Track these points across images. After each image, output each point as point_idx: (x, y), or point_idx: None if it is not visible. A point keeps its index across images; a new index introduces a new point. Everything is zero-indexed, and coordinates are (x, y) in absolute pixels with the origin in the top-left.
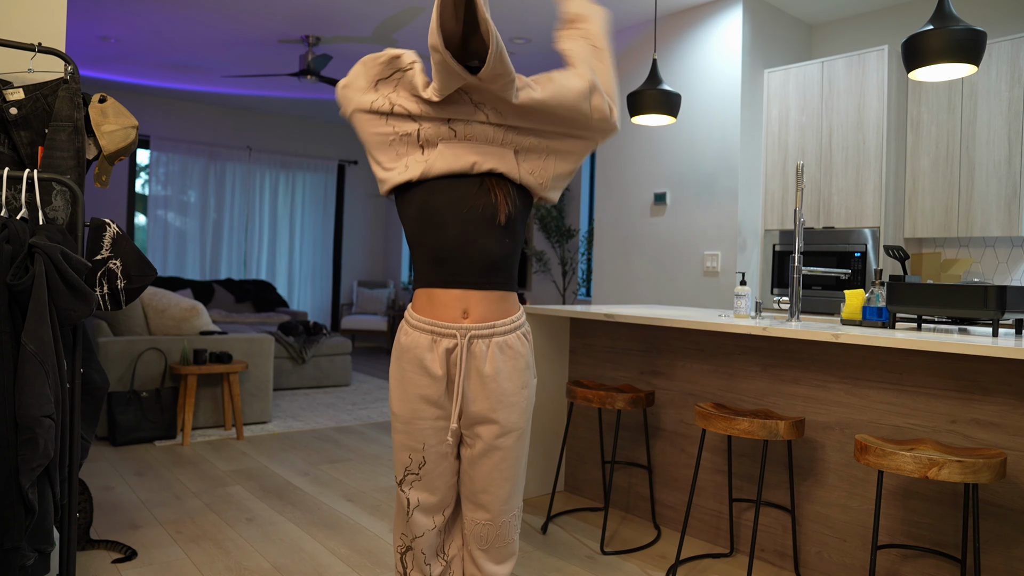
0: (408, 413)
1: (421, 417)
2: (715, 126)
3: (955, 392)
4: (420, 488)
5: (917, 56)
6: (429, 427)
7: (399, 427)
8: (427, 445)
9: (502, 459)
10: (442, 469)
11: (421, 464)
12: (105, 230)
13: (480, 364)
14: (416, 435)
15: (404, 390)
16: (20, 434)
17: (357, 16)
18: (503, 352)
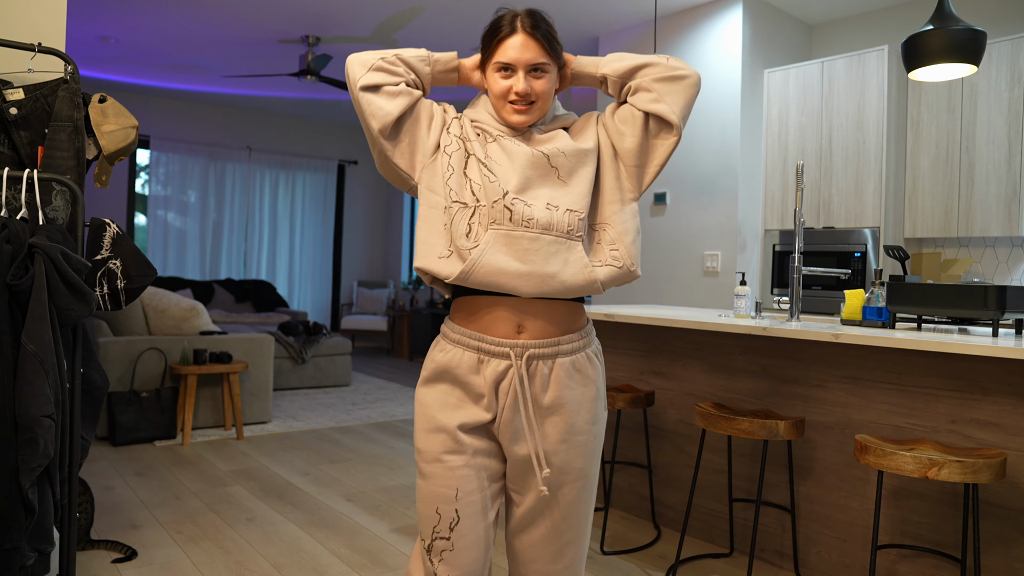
0: (438, 447)
1: (457, 452)
2: (715, 126)
3: (955, 392)
4: (451, 563)
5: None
6: (465, 468)
7: (425, 469)
8: (460, 493)
9: (562, 519)
10: (477, 535)
11: (453, 523)
12: (105, 230)
13: (539, 392)
14: (446, 479)
15: (434, 419)
16: (20, 434)
17: (357, 16)
18: (570, 377)
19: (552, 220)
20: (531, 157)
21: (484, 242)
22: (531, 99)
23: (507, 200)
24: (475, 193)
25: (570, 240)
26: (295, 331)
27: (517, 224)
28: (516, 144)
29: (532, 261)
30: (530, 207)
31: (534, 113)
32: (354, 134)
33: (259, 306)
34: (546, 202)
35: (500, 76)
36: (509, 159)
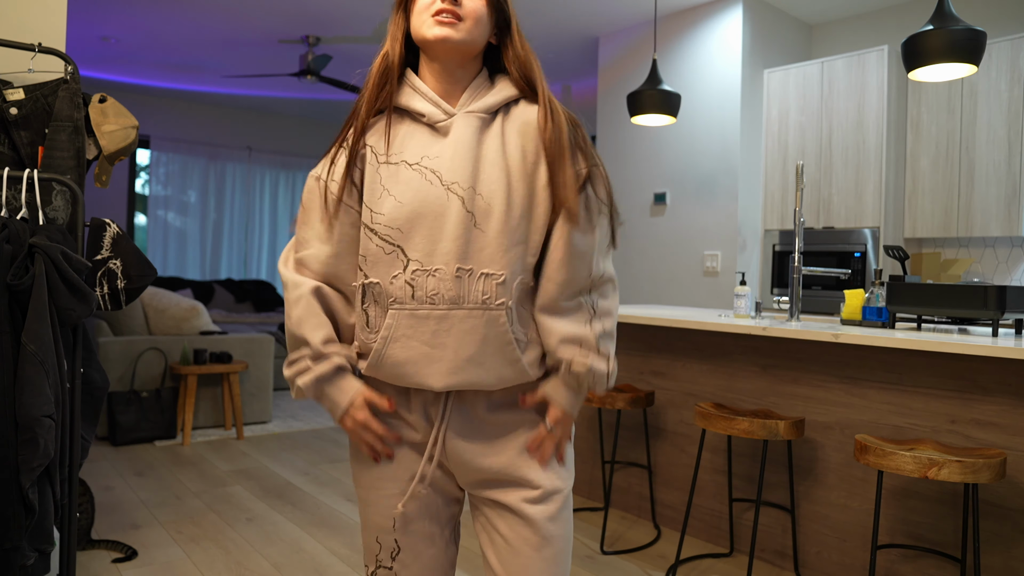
0: (376, 474)
1: (398, 479)
2: (715, 126)
3: (955, 392)
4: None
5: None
6: (402, 496)
7: (363, 496)
8: (401, 523)
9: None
10: (423, 564)
11: (395, 553)
12: (105, 230)
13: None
14: (387, 509)
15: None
16: (20, 434)
17: (357, 16)
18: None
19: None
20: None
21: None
22: (460, 13)
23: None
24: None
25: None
26: None
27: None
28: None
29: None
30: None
31: (460, 31)
32: None
33: (259, 306)
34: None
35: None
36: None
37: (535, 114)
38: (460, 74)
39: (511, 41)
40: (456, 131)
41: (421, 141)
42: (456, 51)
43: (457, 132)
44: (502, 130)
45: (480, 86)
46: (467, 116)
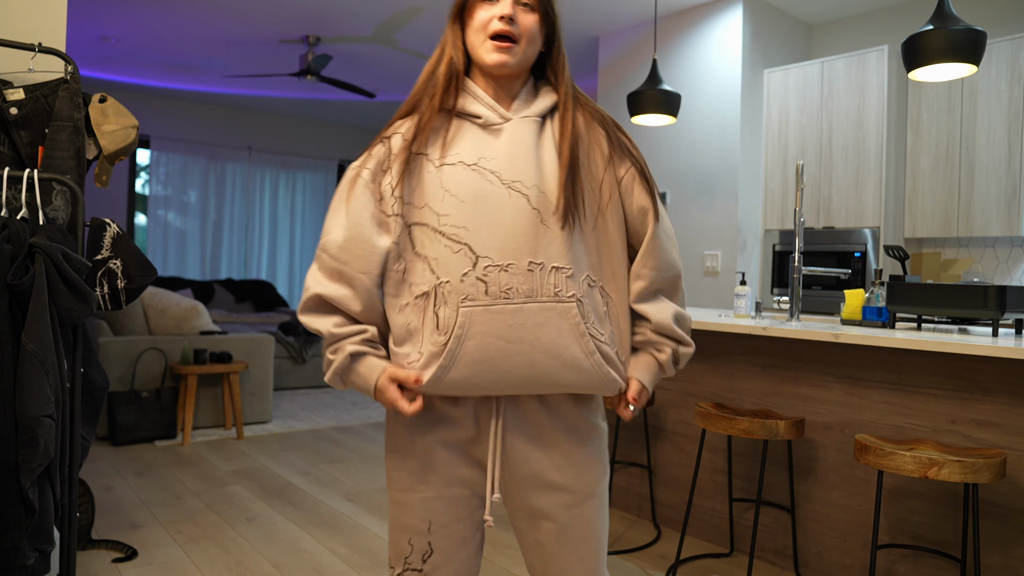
0: (412, 477)
1: (435, 482)
2: (715, 126)
3: (955, 392)
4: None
5: (917, 56)
6: (440, 500)
7: (397, 498)
8: (436, 526)
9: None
10: (453, 568)
11: (426, 555)
12: (105, 230)
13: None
14: (420, 511)
15: (408, 446)
16: (20, 434)
17: (357, 16)
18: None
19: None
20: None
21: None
22: (516, 35)
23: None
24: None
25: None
26: (295, 331)
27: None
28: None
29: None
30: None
31: (515, 55)
32: (354, 134)
33: (259, 306)
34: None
35: (483, 8)
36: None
37: (580, 120)
38: (512, 85)
39: (556, 52)
40: (511, 134)
41: (474, 143)
42: (511, 72)
43: (513, 135)
44: (553, 133)
45: (529, 92)
46: (523, 120)
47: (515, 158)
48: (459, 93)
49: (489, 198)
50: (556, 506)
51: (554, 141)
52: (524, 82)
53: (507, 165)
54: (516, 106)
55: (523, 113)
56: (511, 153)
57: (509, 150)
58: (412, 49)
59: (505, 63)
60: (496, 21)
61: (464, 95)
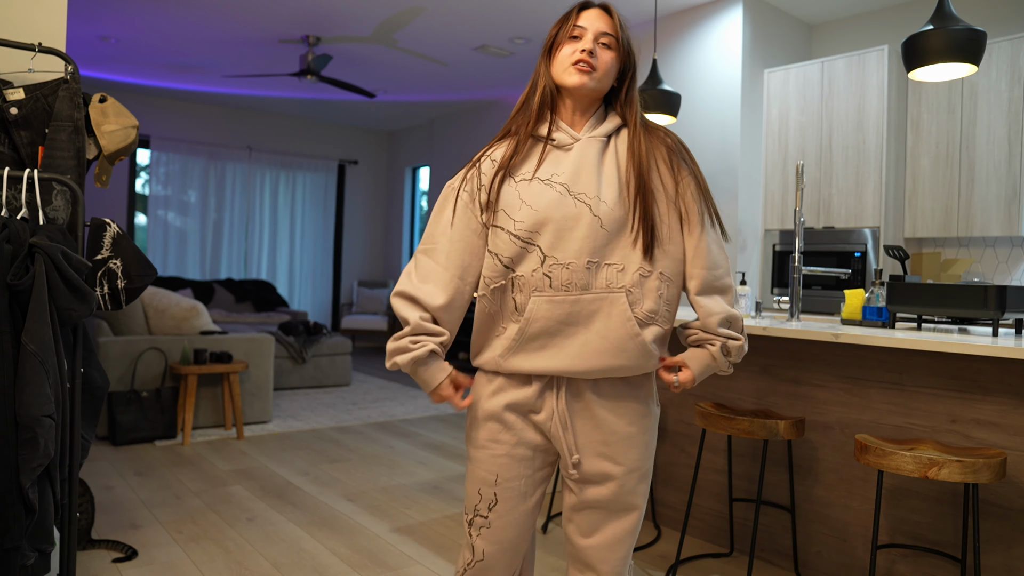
0: (486, 435)
1: (505, 441)
2: (715, 126)
3: (955, 392)
4: (488, 538)
5: (917, 56)
6: (509, 456)
7: (472, 454)
8: (502, 479)
9: (607, 514)
10: (514, 516)
11: (492, 504)
12: (105, 230)
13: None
14: (490, 465)
15: (484, 409)
16: (20, 434)
17: (357, 16)
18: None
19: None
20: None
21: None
22: (595, 65)
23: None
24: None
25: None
26: (295, 331)
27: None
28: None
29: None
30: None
31: (593, 79)
32: (354, 134)
33: (259, 306)
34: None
35: (569, 44)
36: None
37: (643, 142)
38: (588, 109)
39: (628, 87)
40: (580, 152)
41: (550, 161)
42: (588, 94)
43: (581, 153)
44: (615, 151)
45: (599, 117)
46: (590, 140)
47: (581, 173)
48: (545, 121)
49: (558, 207)
50: (602, 474)
51: (616, 158)
52: (597, 109)
53: (574, 179)
54: (587, 128)
55: (591, 134)
56: (578, 169)
57: (576, 166)
58: (412, 49)
59: (584, 84)
60: (578, 53)
61: (551, 124)
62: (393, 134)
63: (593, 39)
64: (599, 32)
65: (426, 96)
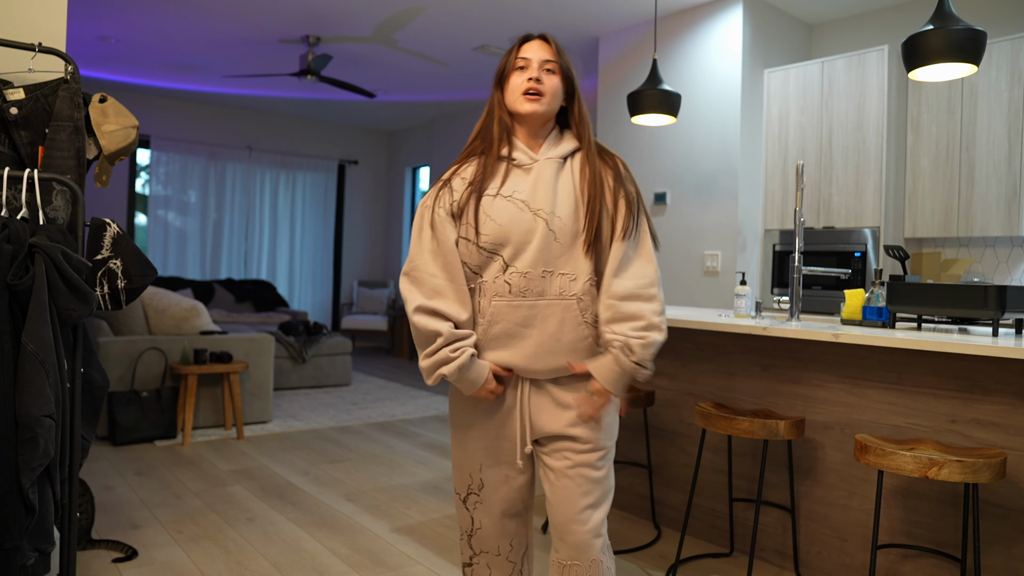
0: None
1: (482, 437)
2: (715, 126)
3: (955, 392)
4: (484, 511)
5: (917, 56)
6: (487, 450)
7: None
8: (485, 465)
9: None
10: (503, 492)
11: (480, 487)
12: (105, 230)
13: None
14: (474, 454)
15: (469, 407)
16: (20, 434)
17: (357, 16)
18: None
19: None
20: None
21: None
22: (542, 91)
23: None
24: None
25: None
26: (295, 331)
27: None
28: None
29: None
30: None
31: (543, 104)
32: (354, 134)
33: (259, 306)
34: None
35: (517, 74)
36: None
37: (597, 164)
38: (541, 131)
39: (576, 105)
40: (538, 171)
41: (511, 180)
42: (540, 118)
43: (539, 172)
44: (571, 171)
45: (554, 139)
46: (547, 161)
47: (539, 190)
48: (505, 144)
49: (519, 221)
50: (571, 450)
51: (571, 177)
52: (551, 129)
53: (533, 196)
54: (544, 149)
55: (548, 155)
56: (536, 187)
57: (535, 184)
58: (412, 49)
59: (535, 111)
60: (526, 81)
61: (511, 147)
62: (393, 134)
63: (538, 67)
64: (542, 61)
65: (426, 96)
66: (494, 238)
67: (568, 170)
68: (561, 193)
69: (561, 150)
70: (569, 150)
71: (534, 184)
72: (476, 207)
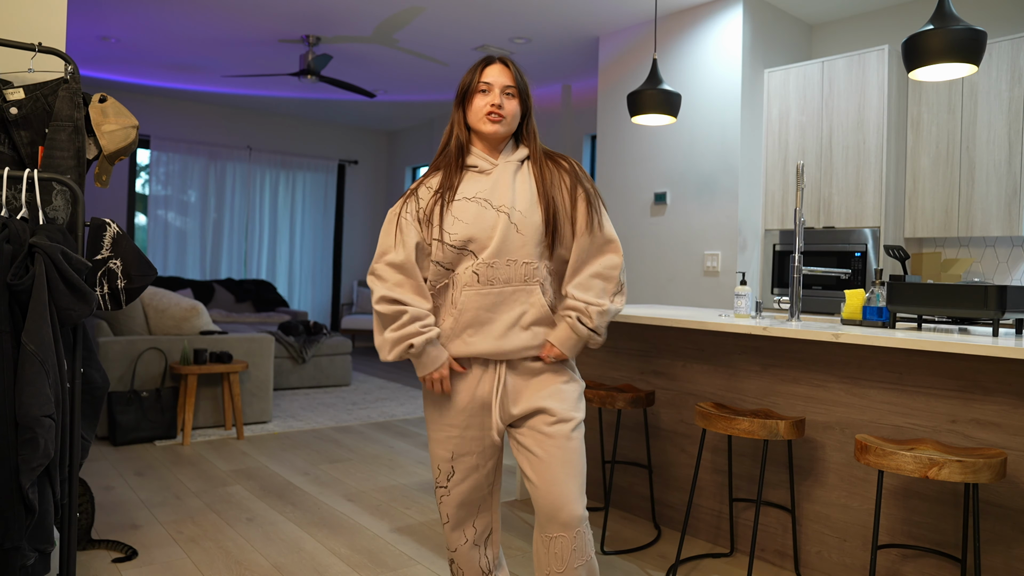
0: (442, 419)
1: (457, 426)
2: (715, 126)
3: (955, 392)
4: (448, 504)
5: (917, 56)
6: (461, 438)
7: (431, 436)
8: (456, 454)
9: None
10: (470, 483)
11: (449, 476)
12: (105, 230)
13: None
14: (444, 444)
15: (441, 397)
16: (20, 434)
17: (357, 16)
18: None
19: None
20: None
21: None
22: (503, 114)
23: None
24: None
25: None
26: (295, 331)
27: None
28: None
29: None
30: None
31: (504, 125)
32: (354, 134)
33: (259, 306)
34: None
35: (480, 96)
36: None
37: (548, 166)
38: (499, 144)
39: (528, 122)
40: (498, 174)
41: (474, 184)
42: (501, 137)
43: (499, 174)
44: (527, 171)
45: (510, 148)
46: (506, 164)
47: (498, 188)
48: (466, 156)
49: (483, 218)
50: (543, 423)
51: (528, 176)
52: (507, 142)
53: (494, 194)
54: (502, 156)
55: (506, 159)
56: (496, 186)
57: (495, 184)
58: (412, 49)
59: (497, 131)
60: (489, 106)
61: (469, 156)
62: (393, 134)
63: (500, 93)
64: (503, 86)
65: (426, 96)
66: (462, 236)
67: (525, 170)
68: (519, 190)
69: (518, 155)
70: (524, 156)
71: (494, 184)
72: (442, 211)
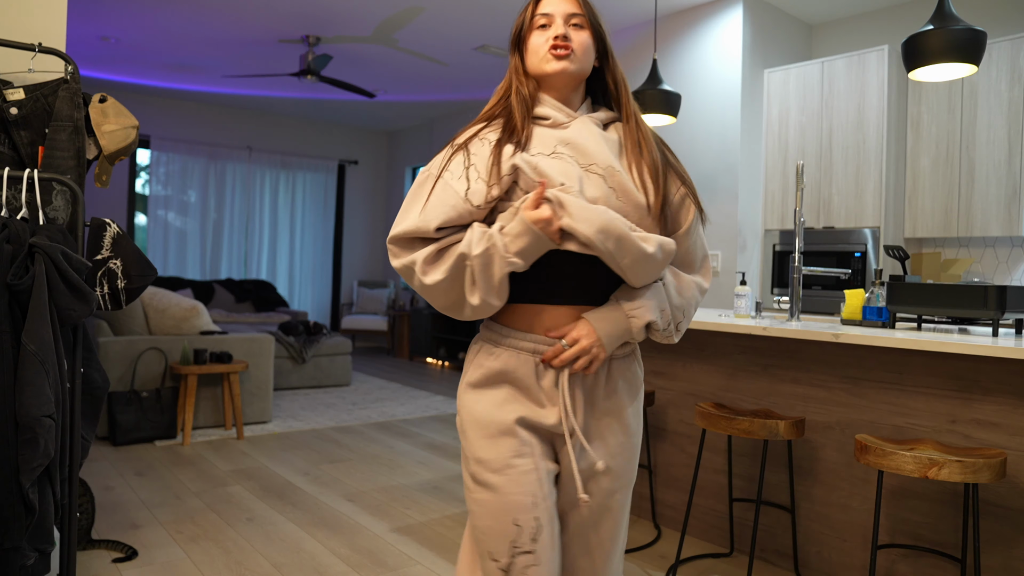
0: (505, 452)
1: (525, 454)
2: (715, 126)
3: (955, 392)
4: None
5: (917, 56)
6: (535, 472)
7: (492, 480)
8: (538, 498)
9: (614, 523)
10: (555, 541)
11: (536, 533)
12: (105, 230)
13: (597, 396)
14: (521, 486)
15: (493, 420)
16: (20, 434)
17: (357, 16)
18: (625, 380)
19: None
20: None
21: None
22: (572, 47)
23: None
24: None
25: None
26: (295, 331)
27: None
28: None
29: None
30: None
31: (574, 62)
32: (354, 134)
33: (259, 306)
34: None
35: (538, 33)
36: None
37: (646, 129)
38: (573, 97)
39: (610, 66)
40: (578, 128)
41: (547, 139)
42: (572, 79)
43: (580, 129)
44: (617, 133)
45: (588, 108)
46: (586, 119)
47: (589, 145)
48: (534, 106)
49: (571, 178)
50: (601, 491)
51: (618, 139)
52: (583, 97)
53: (579, 151)
54: (581, 110)
55: (587, 114)
56: (585, 142)
57: (578, 140)
58: (412, 49)
59: (565, 69)
60: (552, 38)
61: (539, 105)
62: (393, 134)
63: (563, 23)
64: (567, 15)
65: (426, 96)
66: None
67: (613, 134)
68: (611, 150)
69: (599, 117)
70: (608, 118)
71: (577, 140)
72: (510, 165)
